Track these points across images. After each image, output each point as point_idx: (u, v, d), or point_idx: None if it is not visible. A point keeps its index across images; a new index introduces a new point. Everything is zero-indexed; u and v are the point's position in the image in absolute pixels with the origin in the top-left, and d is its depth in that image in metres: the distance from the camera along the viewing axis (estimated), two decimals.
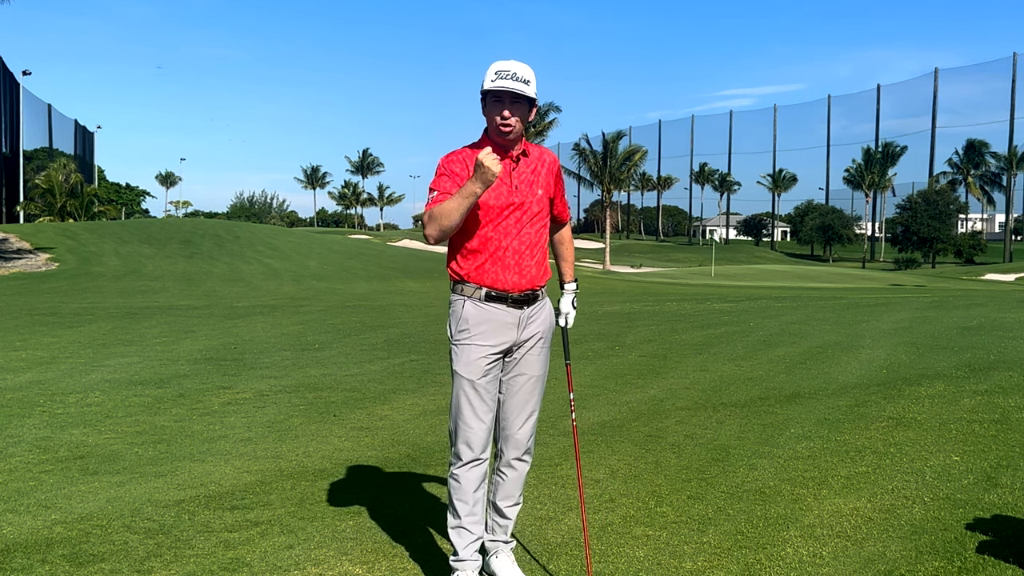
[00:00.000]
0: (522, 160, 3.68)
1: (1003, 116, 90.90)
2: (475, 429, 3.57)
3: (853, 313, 16.31)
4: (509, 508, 3.80)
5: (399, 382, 8.62)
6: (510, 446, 3.72)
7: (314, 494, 4.94)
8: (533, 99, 3.59)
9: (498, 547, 3.81)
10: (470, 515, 3.61)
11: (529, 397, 3.70)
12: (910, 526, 4.38)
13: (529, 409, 3.72)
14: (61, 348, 11.14)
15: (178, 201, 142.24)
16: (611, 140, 70.05)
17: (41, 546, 4.12)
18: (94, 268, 31.85)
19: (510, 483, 3.76)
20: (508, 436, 3.71)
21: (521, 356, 3.67)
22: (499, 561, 3.77)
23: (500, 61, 3.55)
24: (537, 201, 3.67)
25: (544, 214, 3.73)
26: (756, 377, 8.78)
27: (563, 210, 3.97)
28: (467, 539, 3.63)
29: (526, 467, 3.79)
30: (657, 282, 42.42)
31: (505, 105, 3.53)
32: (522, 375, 3.68)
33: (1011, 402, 7.28)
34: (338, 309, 18.51)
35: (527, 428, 3.72)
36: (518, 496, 3.82)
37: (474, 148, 3.64)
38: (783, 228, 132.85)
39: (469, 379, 3.57)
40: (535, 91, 3.58)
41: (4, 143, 65.01)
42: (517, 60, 3.53)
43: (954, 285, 47.14)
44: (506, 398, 3.68)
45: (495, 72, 3.52)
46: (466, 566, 3.64)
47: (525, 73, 3.54)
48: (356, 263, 39.56)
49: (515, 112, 3.54)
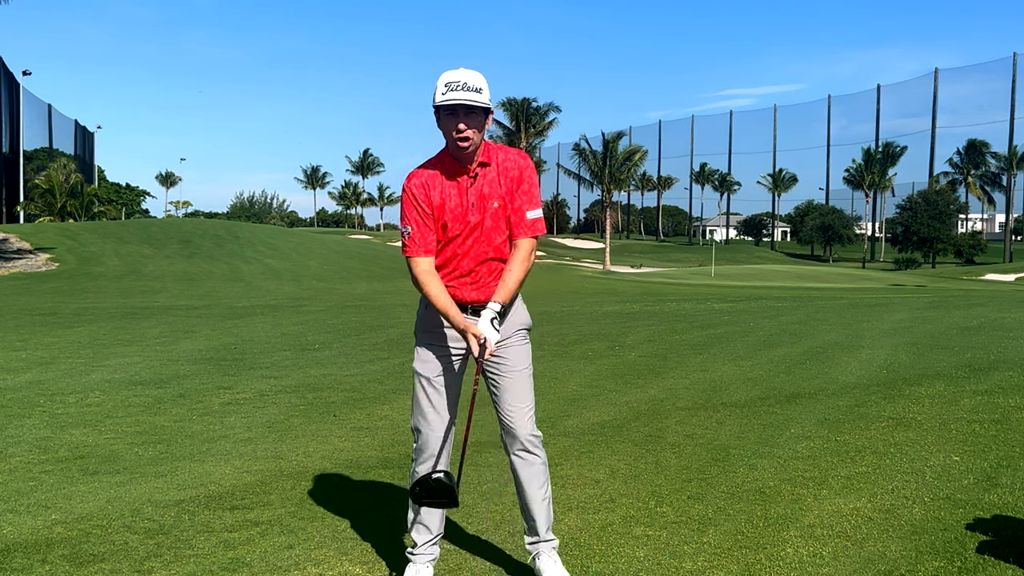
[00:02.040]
0: (480, 175, 3.56)
1: (1003, 116, 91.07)
2: (431, 424, 3.65)
3: (853, 313, 16.31)
4: (535, 505, 3.73)
5: (399, 382, 8.62)
6: (511, 440, 3.73)
7: (314, 494, 4.94)
8: (488, 108, 3.47)
9: (538, 548, 3.77)
10: (429, 513, 3.70)
11: (516, 390, 3.69)
12: (910, 526, 4.38)
13: (520, 401, 3.69)
14: (61, 348, 11.14)
15: (178, 201, 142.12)
16: (611, 140, 70.11)
17: (41, 546, 4.12)
18: (94, 268, 31.85)
19: (522, 479, 3.73)
20: (507, 430, 3.72)
21: (503, 353, 3.68)
22: (541, 562, 3.74)
23: (449, 72, 3.44)
24: (491, 215, 3.56)
25: (502, 228, 3.60)
26: (756, 377, 8.78)
27: (518, 223, 3.58)
28: (425, 536, 3.73)
29: (537, 461, 3.72)
30: (657, 282, 42.42)
31: (459, 118, 3.43)
32: (505, 370, 3.68)
33: (1011, 402, 7.28)
34: (338, 309, 18.52)
35: (523, 420, 3.69)
36: (539, 494, 3.72)
37: (435, 163, 3.60)
38: (783, 228, 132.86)
39: (426, 376, 3.67)
40: (488, 98, 3.46)
41: (4, 143, 64.98)
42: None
43: (954, 285, 47.14)
44: (498, 394, 3.71)
45: (444, 84, 3.41)
46: (417, 558, 3.75)
47: (476, 81, 3.42)
48: (356, 263, 39.56)
49: (470, 124, 3.43)
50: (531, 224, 3.61)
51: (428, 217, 3.56)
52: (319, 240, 49.85)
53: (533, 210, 3.61)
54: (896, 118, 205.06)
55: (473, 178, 3.55)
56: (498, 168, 3.58)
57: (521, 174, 3.58)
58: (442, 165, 3.58)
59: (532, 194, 3.61)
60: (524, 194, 3.59)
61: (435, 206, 3.56)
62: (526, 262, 3.61)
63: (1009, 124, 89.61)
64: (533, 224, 3.62)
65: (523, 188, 3.59)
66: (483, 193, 3.55)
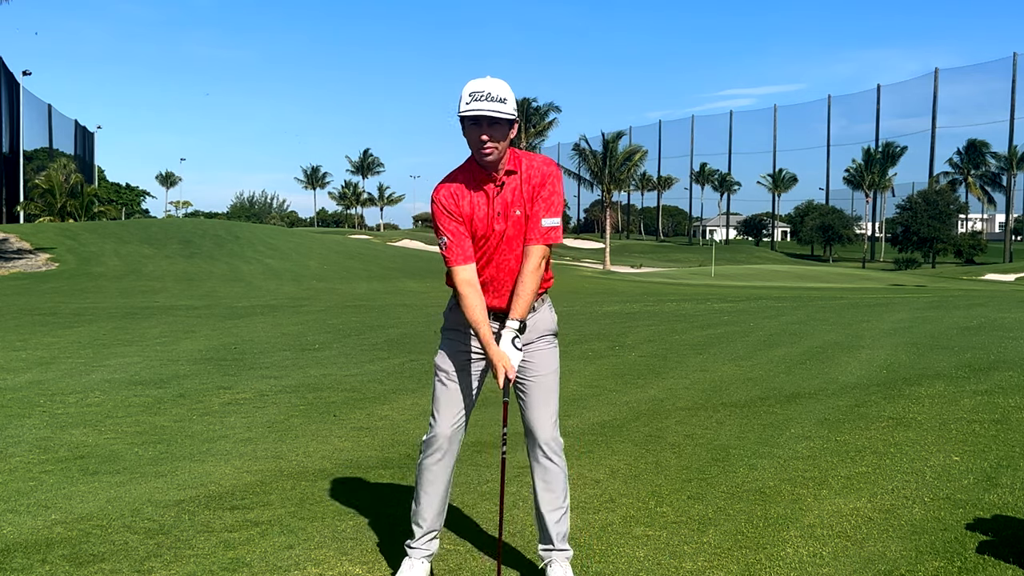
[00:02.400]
0: (506, 183, 3.54)
1: (1003, 116, 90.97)
2: (442, 417, 3.68)
3: (853, 313, 16.31)
4: (549, 514, 3.70)
5: (399, 382, 8.62)
6: (531, 443, 3.74)
7: (314, 494, 4.94)
8: (513, 119, 3.43)
9: (551, 556, 3.74)
10: (427, 506, 3.72)
11: (541, 395, 3.71)
12: (910, 526, 4.38)
13: (543, 406, 3.71)
14: (61, 348, 11.14)
15: (178, 201, 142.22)
16: (611, 140, 70.04)
17: (41, 546, 4.12)
18: (94, 268, 31.86)
19: (540, 486, 3.70)
20: (529, 433, 3.74)
21: (529, 358, 3.70)
22: (552, 572, 3.72)
23: (474, 81, 3.40)
24: (514, 224, 3.55)
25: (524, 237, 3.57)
26: (756, 377, 8.78)
27: (532, 228, 3.52)
28: (420, 529, 3.75)
29: (556, 468, 3.70)
30: (657, 282, 42.42)
31: (483, 129, 3.39)
32: (530, 375, 3.70)
33: (1011, 402, 7.28)
34: (338, 309, 18.51)
35: (545, 425, 3.70)
36: (557, 501, 3.69)
37: (462, 172, 3.59)
38: (783, 228, 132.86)
39: (444, 370, 3.71)
40: (514, 108, 3.41)
41: (4, 143, 65.00)
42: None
43: (954, 285, 47.14)
44: (524, 398, 3.73)
45: (469, 94, 3.37)
46: (414, 553, 3.76)
47: (500, 91, 3.38)
48: (356, 263, 39.58)
49: (494, 135, 3.40)
50: (545, 232, 3.53)
51: (462, 224, 3.55)
52: (319, 240, 49.87)
53: (551, 218, 3.52)
54: (896, 118, 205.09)
55: (500, 187, 3.53)
56: (522, 176, 3.54)
57: (544, 180, 3.52)
58: (470, 174, 3.57)
59: (552, 202, 3.53)
60: (543, 200, 3.53)
61: (465, 215, 3.54)
62: (537, 272, 3.53)
63: (1009, 124, 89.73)
64: (547, 232, 3.53)
65: (543, 195, 3.53)
66: (507, 201, 3.53)
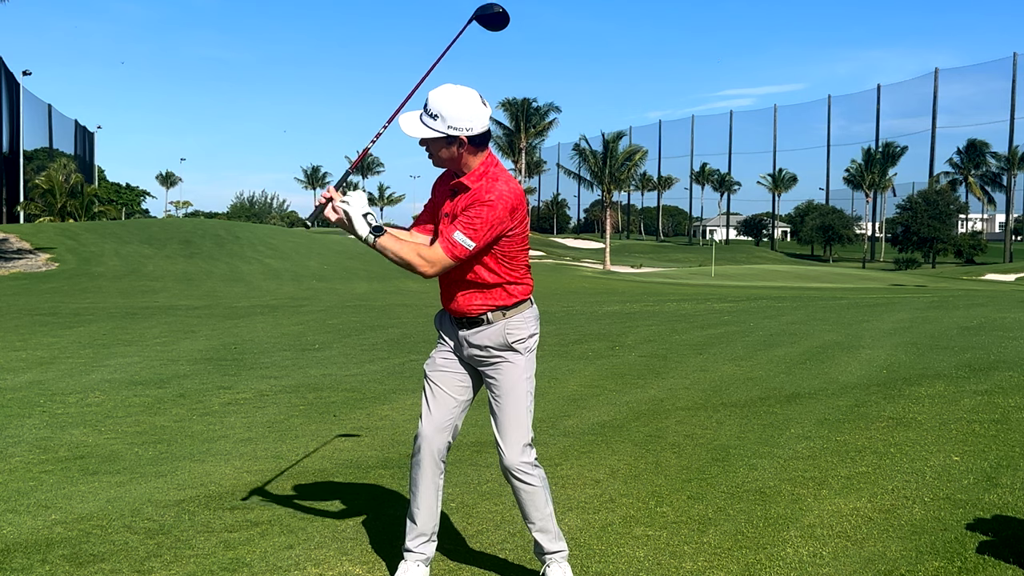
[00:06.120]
0: (460, 193, 3.52)
1: (1003, 116, 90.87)
2: (426, 418, 3.67)
3: (853, 313, 16.31)
4: (532, 523, 3.64)
5: (399, 382, 8.62)
6: (501, 465, 3.63)
7: (314, 494, 4.94)
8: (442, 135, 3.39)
9: (548, 557, 3.70)
10: (416, 507, 3.70)
11: (502, 415, 3.59)
12: (910, 526, 4.38)
13: (506, 427, 3.57)
14: (61, 348, 11.14)
15: (178, 201, 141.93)
16: (611, 140, 70.01)
17: (41, 546, 4.12)
18: (94, 268, 31.85)
19: (521, 499, 3.62)
20: (498, 455, 3.64)
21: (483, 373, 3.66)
22: (551, 571, 3.69)
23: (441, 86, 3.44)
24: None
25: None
26: (756, 377, 8.78)
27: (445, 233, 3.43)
28: (413, 531, 3.71)
29: (530, 488, 3.57)
30: (657, 282, 42.40)
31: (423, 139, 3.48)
32: (493, 393, 3.64)
33: (1011, 402, 7.28)
34: (338, 309, 18.51)
35: (509, 449, 3.56)
36: (538, 513, 3.60)
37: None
38: (783, 228, 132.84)
39: (427, 373, 3.74)
40: (450, 125, 3.36)
41: (4, 143, 64.93)
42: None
43: (954, 285, 47.14)
44: (492, 418, 3.66)
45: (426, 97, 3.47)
46: (410, 556, 3.72)
47: (436, 105, 3.38)
48: (356, 263, 39.53)
49: (429, 147, 3.48)
50: (451, 241, 3.39)
51: (430, 202, 3.74)
52: (319, 240, 49.80)
53: (462, 234, 3.38)
54: (896, 118, 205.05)
55: (451, 195, 3.57)
56: (472, 194, 3.47)
57: (474, 202, 3.42)
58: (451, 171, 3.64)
59: (472, 223, 3.38)
60: (464, 215, 3.42)
61: (436, 200, 3.70)
62: (419, 258, 3.40)
63: (1009, 124, 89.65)
64: (452, 243, 3.38)
65: (467, 212, 3.42)
66: (455, 210, 3.51)
